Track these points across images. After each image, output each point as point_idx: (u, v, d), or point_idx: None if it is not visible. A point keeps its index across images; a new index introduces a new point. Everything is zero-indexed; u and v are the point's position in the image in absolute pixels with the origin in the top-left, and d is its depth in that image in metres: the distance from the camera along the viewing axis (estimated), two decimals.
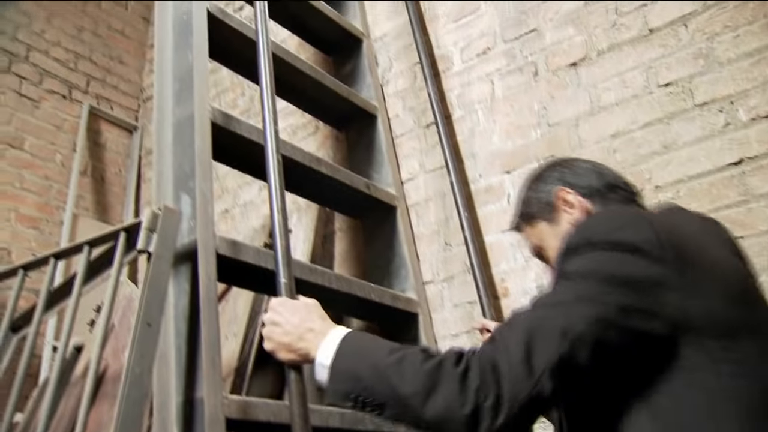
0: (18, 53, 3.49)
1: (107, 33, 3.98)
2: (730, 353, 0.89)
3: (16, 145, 3.39)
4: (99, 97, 3.84)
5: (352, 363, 1.02)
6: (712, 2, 1.92)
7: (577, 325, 0.89)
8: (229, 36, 1.97)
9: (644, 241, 0.94)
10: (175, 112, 1.79)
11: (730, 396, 0.88)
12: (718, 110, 1.84)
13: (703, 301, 0.91)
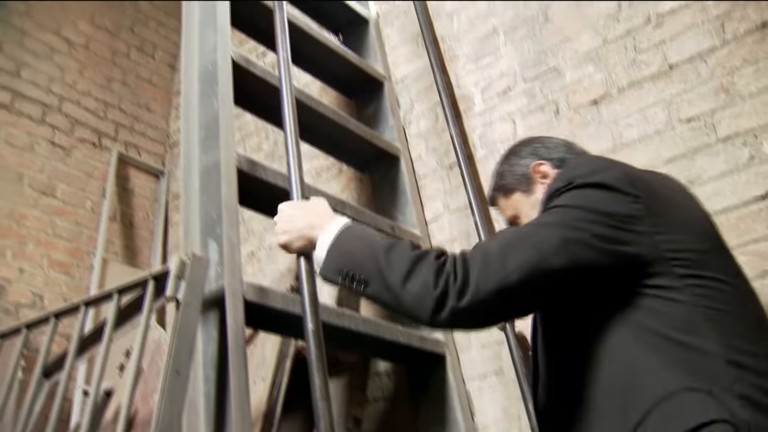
0: (51, 104, 3.60)
1: (135, 82, 4.09)
2: (700, 279, 1.00)
3: (49, 193, 3.47)
4: (127, 144, 3.92)
5: (349, 243, 1.16)
6: (731, 37, 1.93)
7: (552, 240, 1.01)
8: (253, 83, 2.01)
9: (620, 181, 1.05)
10: (201, 159, 1.83)
11: (706, 314, 0.97)
12: (742, 144, 1.83)
13: (672, 235, 1.02)
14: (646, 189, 1.06)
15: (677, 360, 0.94)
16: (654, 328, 0.98)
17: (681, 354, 0.95)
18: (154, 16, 4.36)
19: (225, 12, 2.04)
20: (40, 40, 3.67)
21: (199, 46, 2.03)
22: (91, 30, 3.93)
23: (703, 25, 2.00)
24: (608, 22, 2.19)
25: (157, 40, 4.31)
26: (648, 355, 0.96)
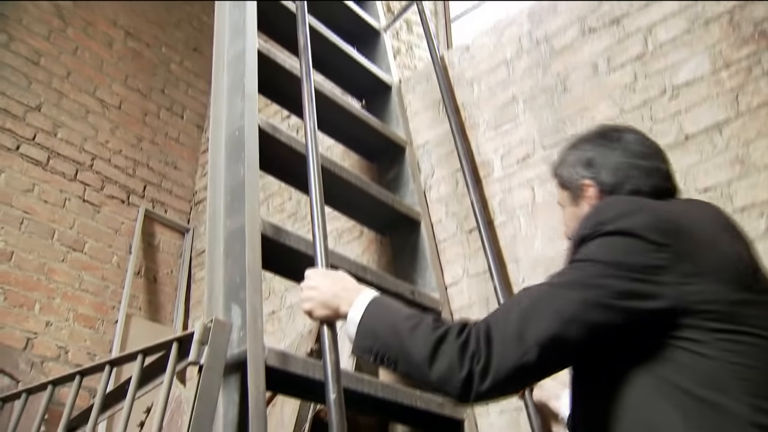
0: (84, 162, 3.72)
1: (164, 141, 4.21)
2: (731, 334, 0.95)
3: (77, 248, 3.56)
4: (154, 201, 4.02)
5: (376, 322, 1.18)
6: (745, 109, 1.97)
7: (569, 307, 0.99)
8: (279, 149, 2.08)
9: (646, 227, 1.01)
10: (226, 224, 1.88)
11: (734, 370, 0.93)
12: (759, 215, 1.85)
13: (702, 285, 0.97)
14: (676, 233, 1.01)
15: (698, 418, 0.92)
16: (678, 382, 0.95)
17: (703, 412, 0.92)
18: (184, 78, 4.52)
19: (253, 79, 2.13)
20: (77, 101, 3.82)
21: (227, 112, 2.12)
22: (124, 91, 4.09)
23: (717, 97, 2.04)
24: (625, 92, 2.24)
25: (186, 101, 4.46)
26: (669, 410, 0.95)
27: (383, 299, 1.24)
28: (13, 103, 3.52)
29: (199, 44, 4.71)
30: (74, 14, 4.00)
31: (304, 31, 2.02)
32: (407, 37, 3.49)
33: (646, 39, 2.27)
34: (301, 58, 1.98)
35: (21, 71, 3.62)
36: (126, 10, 4.31)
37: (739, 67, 2.04)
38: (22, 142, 3.50)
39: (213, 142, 2.08)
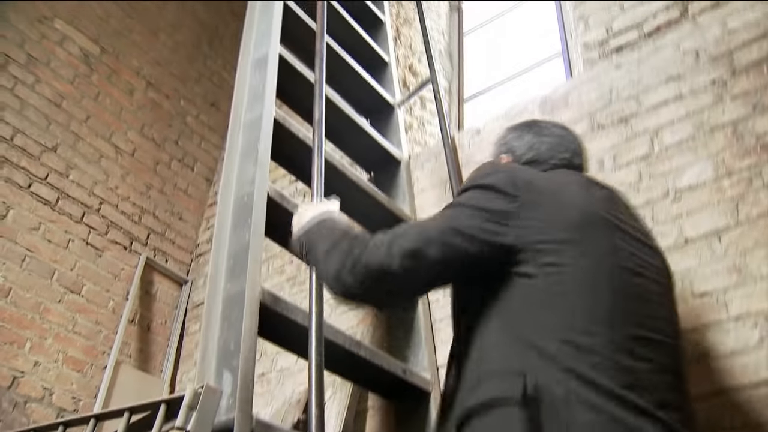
0: (92, 206, 3.77)
1: (172, 191, 4.27)
2: (553, 266, 1.17)
3: (75, 290, 3.57)
4: (156, 250, 4.05)
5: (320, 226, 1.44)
6: (744, 219, 2.00)
7: (432, 231, 1.24)
8: (285, 217, 2.11)
9: (502, 182, 1.27)
10: (226, 287, 1.90)
11: (551, 294, 1.15)
12: (753, 325, 1.87)
13: (539, 226, 1.21)
14: (527, 189, 1.27)
15: (517, 339, 1.13)
16: (510, 305, 1.18)
17: (522, 330, 1.14)
18: (198, 131, 4.61)
19: (267, 146, 2.18)
20: (93, 145, 3.90)
21: (238, 176, 2.16)
22: (139, 139, 4.17)
23: (718, 204, 2.08)
24: (629, 191, 2.28)
25: (198, 154, 4.55)
26: (496, 333, 1.18)
27: (341, 220, 1.48)
28: (30, 142, 3.60)
29: (217, 100, 4.83)
30: (100, 61, 4.12)
31: (320, 105, 2.08)
32: (420, 113, 3.57)
33: (652, 140, 2.33)
34: (314, 130, 2.03)
35: (42, 112, 3.71)
36: (150, 62, 4.44)
37: (740, 177, 2.08)
38: (35, 181, 3.56)
39: (221, 204, 2.13)
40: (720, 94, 2.26)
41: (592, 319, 1.12)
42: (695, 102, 2.29)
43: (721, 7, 2.43)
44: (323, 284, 1.35)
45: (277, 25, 2.56)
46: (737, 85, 2.23)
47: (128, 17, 4.41)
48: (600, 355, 1.07)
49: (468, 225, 1.23)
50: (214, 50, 4.98)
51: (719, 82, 2.28)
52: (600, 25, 2.75)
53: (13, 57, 3.67)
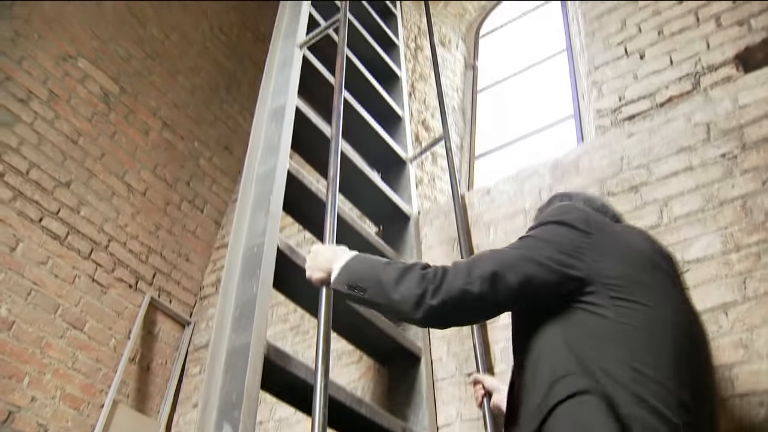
0: (100, 243, 3.79)
1: (181, 232, 4.30)
2: (624, 302, 1.25)
3: (78, 326, 3.56)
4: (161, 290, 4.05)
5: (356, 265, 1.56)
6: (752, 295, 2.00)
7: (509, 258, 1.35)
8: (293, 271, 2.13)
9: (577, 220, 1.37)
10: (231, 338, 1.90)
11: (622, 328, 1.22)
12: (758, 403, 1.85)
13: (611, 264, 1.30)
14: (598, 229, 1.37)
15: (586, 357, 1.21)
16: (578, 332, 1.26)
17: (591, 354, 1.21)
18: (210, 174, 4.66)
19: (279, 199, 2.20)
20: (106, 182, 3.94)
21: (249, 226, 2.18)
22: (151, 179, 4.21)
23: (726, 278, 2.08)
24: None
25: (208, 196, 4.58)
26: (566, 351, 1.24)
27: (365, 255, 1.61)
28: (45, 176, 3.64)
29: (231, 143, 4.90)
30: (119, 100, 4.19)
31: (336, 162, 2.11)
32: (431, 168, 3.61)
33: (662, 210, 2.34)
34: (329, 186, 2.05)
35: (59, 147, 3.76)
36: (168, 103, 4.51)
37: (748, 252, 2.09)
38: (46, 215, 3.59)
39: (231, 253, 2.14)
40: (730, 168, 2.27)
41: (659, 355, 1.20)
42: (705, 175, 2.31)
43: (733, 83, 2.47)
44: (395, 312, 1.43)
45: (296, 77, 2.61)
46: (747, 160, 2.25)
47: (149, 58, 4.51)
48: (666, 389, 1.15)
49: (544, 255, 1.32)
50: (231, 95, 5.06)
51: (729, 156, 2.30)
52: (613, 92, 2.79)
53: (36, 93, 3.74)
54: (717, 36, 2.65)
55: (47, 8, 3.97)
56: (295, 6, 3.07)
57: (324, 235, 1.95)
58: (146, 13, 4.60)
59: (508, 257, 1.35)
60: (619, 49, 2.91)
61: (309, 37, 2.78)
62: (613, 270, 1.29)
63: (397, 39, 3.78)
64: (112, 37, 4.30)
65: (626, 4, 3.04)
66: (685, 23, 2.78)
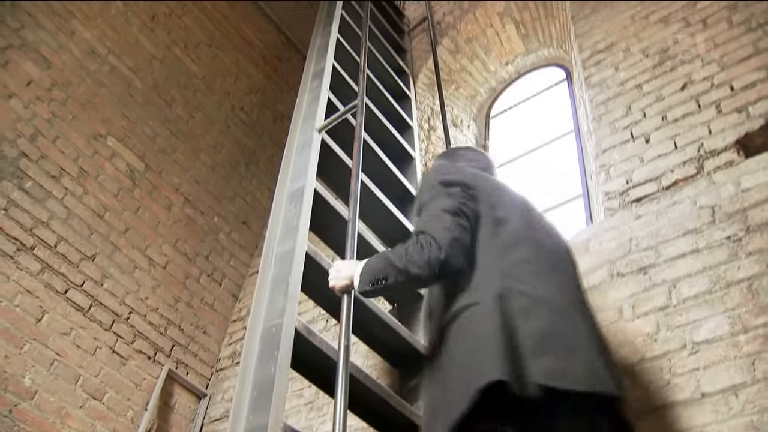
0: (121, 315, 3.89)
1: (199, 305, 4.39)
2: (498, 229, 1.90)
3: (97, 397, 3.62)
4: (178, 362, 4.11)
5: (371, 265, 1.95)
6: (761, 376, 2.03)
7: (452, 208, 1.90)
8: (311, 352, 2.19)
9: (459, 180, 2.03)
10: (249, 419, 1.94)
11: (498, 244, 1.86)
12: None
13: (487, 208, 1.96)
14: (476, 184, 2.05)
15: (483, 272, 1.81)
16: (476, 252, 1.86)
17: (488, 266, 1.81)
18: (229, 248, 4.78)
19: (297, 280, 2.28)
20: (128, 256, 4.06)
21: (267, 306, 2.25)
22: (172, 253, 4.34)
23: (734, 359, 2.12)
24: (647, 340, 2.33)
25: (226, 270, 4.69)
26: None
27: (373, 257, 1.99)
28: (72, 250, 3.77)
29: (249, 218, 5.04)
30: (144, 177, 4.36)
31: (353, 245, 2.20)
32: None
33: (670, 292, 2.39)
34: None
35: (86, 222, 3.90)
36: (189, 179, 4.68)
37: (756, 334, 2.13)
38: (71, 287, 3.70)
39: (249, 333, 2.21)
40: (735, 250, 2.34)
41: (524, 260, 1.81)
42: (711, 257, 2.37)
43: (735, 167, 2.55)
44: (415, 279, 1.84)
45: (315, 160, 2.74)
46: (751, 242, 2.32)
47: (174, 137, 4.70)
48: (527, 277, 1.77)
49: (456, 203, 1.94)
50: (250, 172, 5.24)
51: (734, 238, 2.36)
52: (620, 175, 2.88)
53: (68, 170, 3.92)
54: (718, 122, 2.75)
55: (83, 91, 4.19)
56: (314, 89, 3.23)
57: (340, 316, 2.02)
58: (173, 95, 4.83)
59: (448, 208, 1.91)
60: (626, 133, 3.02)
61: (328, 121, 2.92)
62: (488, 212, 1.95)
63: (412, 121, 3.94)
64: (140, 117, 4.51)
65: (631, 90, 3.17)
66: (688, 109, 2.89)
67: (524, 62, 4.94)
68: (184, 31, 5.18)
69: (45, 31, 4.14)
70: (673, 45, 3.19)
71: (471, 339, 1.65)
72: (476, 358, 1.59)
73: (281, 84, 5.90)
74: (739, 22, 3.03)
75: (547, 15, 4.57)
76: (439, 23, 5.12)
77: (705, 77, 2.94)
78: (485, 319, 1.65)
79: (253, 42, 5.83)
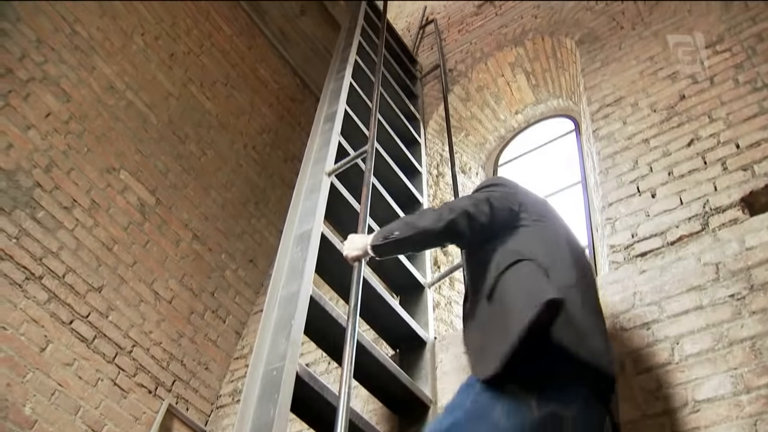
0: (125, 348, 3.90)
1: (202, 341, 4.39)
2: (540, 223, 2.15)
3: (96, 429, 3.61)
4: (179, 397, 4.10)
5: (387, 226, 2.23)
6: None
7: (479, 197, 2.17)
8: (312, 397, 2.20)
9: (501, 182, 2.34)
10: None
11: (539, 235, 2.09)
12: None
13: (531, 206, 2.21)
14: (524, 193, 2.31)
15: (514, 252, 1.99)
16: (518, 240, 2.07)
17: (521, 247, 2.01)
18: (235, 285, 4.81)
19: (300, 325, 2.30)
20: (135, 289, 4.09)
21: (270, 348, 2.26)
22: (178, 288, 4.36)
23: (737, 420, 2.10)
24: (649, 398, 2.31)
25: (231, 307, 4.71)
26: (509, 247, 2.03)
27: None
28: (79, 281, 3.80)
29: (256, 257, 5.07)
30: (154, 211, 4.41)
31: (357, 291, 2.22)
32: (449, 292, 3.71)
33: (673, 348, 2.38)
34: (349, 315, 2.15)
35: (95, 254, 3.94)
36: (199, 216, 4.73)
37: (758, 394, 2.11)
38: (76, 318, 3.72)
39: (250, 374, 2.22)
40: (739, 309, 2.34)
41: (554, 248, 2.05)
42: (715, 314, 2.37)
43: (739, 225, 2.57)
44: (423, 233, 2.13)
45: (323, 204, 2.78)
46: (755, 301, 2.32)
47: (185, 173, 4.77)
48: (560, 264, 1.99)
49: (491, 197, 2.18)
50: (259, 210, 5.29)
51: (738, 297, 2.36)
52: (626, 229, 2.90)
53: (80, 202, 3.97)
54: (723, 179, 2.78)
55: (99, 125, 4.27)
56: (325, 133, 3.29)
57: (342, 362, 2.03)
58: (187, 131, 4.92)
59: (479, 199, 2.17)
60: (632, 187, 3.05)
61: (337, 165, 2.97)
62: (532, 207, 2.20)
63: (421, 166, 3.99)
64: (153, 152, 4.58)
65: (638, 144, 3.20)
66: (694, 165, 2.92)
67: (534, 112, 5.01)
68: (202, 70, 5.29)
69: (67, 65, 4.24)
70: (681, 101, 3.24)
71: (526, 280, 1.85)
72: (535, 286, 1.80)
73: (293, 124, 5.99)
74: (745, 82, 3.08)
75: (557, 67, 4.65)
76: (451, 71, 5.21)
77: (711, 134, 2.98)
78: (533, 268, 1.89)
79: (268, 83, 5.94)
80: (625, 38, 3.92)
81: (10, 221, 3.59)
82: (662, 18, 3.84)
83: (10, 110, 3.82)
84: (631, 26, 3.98)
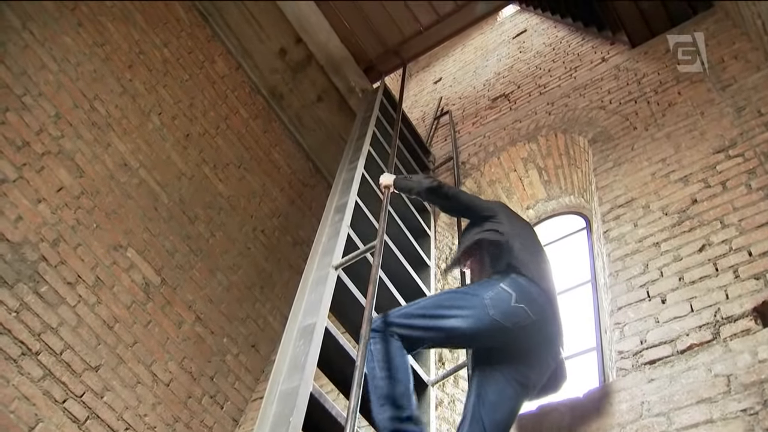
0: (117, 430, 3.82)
1: (198, 427, 4.28)
2: (495, 222, 2.86)
3: None
4: None
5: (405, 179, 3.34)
6: None
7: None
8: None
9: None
10: None
11: (507, 229, 2.81)
12: None
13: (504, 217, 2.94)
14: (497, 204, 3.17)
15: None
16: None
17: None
18: (235, 371, 4.74)
19: (299, 422, 2.23)
20: (132, 370, 4.06)
21: None
22: (177, 371, 4.29)
23: None
24: None
25: (230, 392, 4.61)
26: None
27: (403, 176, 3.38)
28: (77, 359, 3.74)
29: (258, 342, 5.01)
30: (158, 291, 4.39)
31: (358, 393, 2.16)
32: (452, 390, 3.61)
33: None
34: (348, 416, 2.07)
35: (95, 332, 3.90)
36: (203, 298, 4.70)
37: None
38: (70, 397, 3.65)
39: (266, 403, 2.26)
40: (752, 425, 2.25)
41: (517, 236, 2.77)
42: (726, 429, 2.28)
43: (752, 335, 2.51)
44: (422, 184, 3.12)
45: (328, 297, 2.75)
46: None
47: (193, 254, 4.77)
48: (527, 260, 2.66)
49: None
50: (264, 295, 5.25)
51: (750, 412, 2.28)
52: (635, 334, 2.84)
53: (84, 278, 3.96)
54: (735, 287, 2.73)
55: (110, 201, 4.31)
56: (335, 224, 3.30)
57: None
58: (197, 212, 4.95)
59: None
60: (642, 291, 3.00)
61: (345, 259, 2.96)
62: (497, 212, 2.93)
63: (429, 260, 3.98)
64: (162, 231, 4.60)
65: (649, 247, 3.18)
66: (705, 272, 2.88)
67: (545, 208, 5.03)
68: (216, 151, 5.38)
69: (83, 140, 4.33)
70: (693, 205, 3.24)
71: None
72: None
73: (304, 209, 6.03)
74: (757, 188, 3.08)
75: (570, 164, 4.70)
76: (464, 163, 5.27)
77: (723, 240, 2.96)
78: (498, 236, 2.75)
79: (281, 166, 6.02)
80: (638, 139, 3.97)
81: (12, 294, 3.57)
82: (675, 120, 3.90)
83: (23, 183, 3.87)
84: (644, 127, 4.03)
